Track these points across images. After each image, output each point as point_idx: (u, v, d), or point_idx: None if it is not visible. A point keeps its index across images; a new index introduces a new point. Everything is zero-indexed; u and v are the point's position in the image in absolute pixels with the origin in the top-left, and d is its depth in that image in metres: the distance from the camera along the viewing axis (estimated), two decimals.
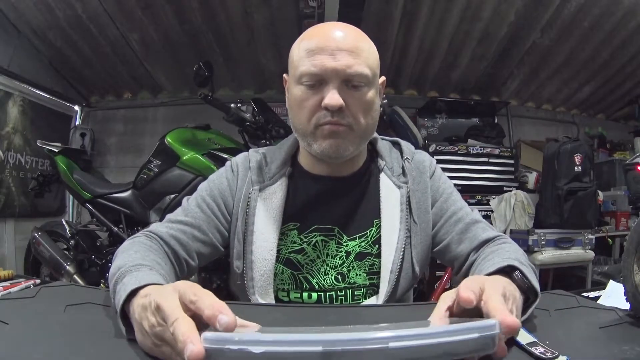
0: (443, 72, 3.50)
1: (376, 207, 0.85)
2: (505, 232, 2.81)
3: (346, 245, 0.84)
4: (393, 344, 0.33)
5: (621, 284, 0.60)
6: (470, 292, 0.46)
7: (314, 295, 0.84)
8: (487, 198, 3.16)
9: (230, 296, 0.96)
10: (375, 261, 0.84)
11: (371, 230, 0.85)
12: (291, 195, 0.86)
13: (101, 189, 2.24)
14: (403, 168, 0.88)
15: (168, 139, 2.05)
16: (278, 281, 0.84)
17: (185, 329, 0.39)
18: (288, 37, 2.58)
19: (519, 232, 2.77)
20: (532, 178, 3.39)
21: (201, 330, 0.40)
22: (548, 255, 2.62)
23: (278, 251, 0.83)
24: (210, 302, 0.42)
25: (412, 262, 0.84)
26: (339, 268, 0.84)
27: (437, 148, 3.18)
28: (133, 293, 0.50)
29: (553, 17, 2.84)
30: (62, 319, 0.55)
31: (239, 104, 1.98)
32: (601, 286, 0.87)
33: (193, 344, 0.37)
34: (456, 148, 3.22)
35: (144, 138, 3.67)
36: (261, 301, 0.81)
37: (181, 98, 3.55)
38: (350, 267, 0.84)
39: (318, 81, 0.75)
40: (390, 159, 0.89)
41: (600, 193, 3.07)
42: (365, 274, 0.84)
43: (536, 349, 0.46)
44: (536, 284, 0.60)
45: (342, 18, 2.42)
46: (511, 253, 0.70)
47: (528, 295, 0.59)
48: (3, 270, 0.94)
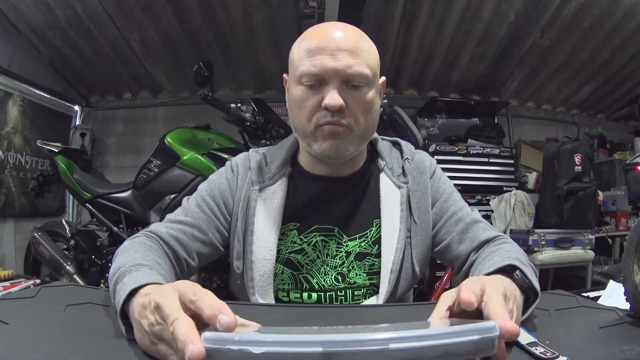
0: (443, 72, 3.50)
1: (376, 207, 0.85)
2: (505, 232, 2.81)
3: (346, 245, 0.84)
4: (393, 345, 0.34)
5: (621, 284, 0.60)
6: (471, 294, 0.46)
7: (314, 295, 0.84)
8: (487, 198, 3.16)
9: (230, 296, 0.96)
10: (375, 261, 0.84)
11: (371, 230, 0.85)
12: (291, 195, 0.85)
13: (101, 189, 2.25)
14: (403, 168, 0.88)
15: (168, 139, 2.05)
16: (278, 281, 0.84)
17: (185, 329, 0.39)
18: (288, 37, 2.58)
19: (519, 232, 2.77)
20: (532, 178, 3.39)
21: (200, 330, 0.40)
22: (548, 255, 2.62)
23: (278, 251, 0.83)
24: (210, 302, 0.42)
25: (412, 262, 0.84)
26: (339, 268, 0.84)
27: (437, 148, 3.17)
28: (133, 292, 0.50)
29: (553, 17, 2.84)
30: (62, 319, 0.55)
31: (239, 104, 1.98)
32: (601, 286, 0.87)
33: (193, 344, 0.36)
34: (456, 148, 3.22)
35: (144, 138, 3.67)
36: (261, 301, 0.81)
37: (181, 98, 3.55)
38: (350, 267, 0.84)
39: (318, 81, 0.75)
40: (390, 159, 0.89)
41: (600, 193, 3.07)
42: (365, 274, 0.84)
43: (536, 349, 0.46)
44: (536, 284, 0.60)
45: (342, 18, 2.42)
46: (511, 253, 0.70)
47: (528, 294, 0.59)
48: (3, 270, 0.94)
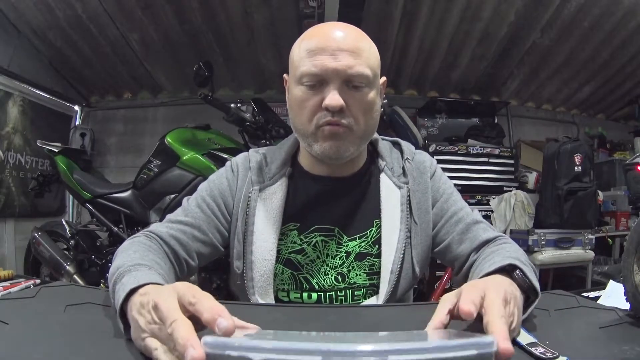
0: (443, 72, 3.49)
1: (376, 208, 0.85)
2: (505, 232, 2.81)
3: (346, 245, 0.84)
4: (392, 357, 0.35)
5: (621, 284, 0.61)
6: (470, 304, 0.46)
7: (314, 295, 0.84)
8: (487, 198, 3.15)
9: (230, 296, 0.96)
10: (375, 261, 0.84)
11: (371, 230, 0.85)
12: (291, 195, 0.85)
13: (101, 189, 2.25)
14: (403, 168, 0.88)
15: (168, 139, 2.05)
16: (278, 281, 0.84)
17: (184, 332, 0.40)
18: (288, 37, 2.58)
19: (519, 232, 2.77)
20: (532, 178, 3.39)
21: (198, 332, 0.40)
22: (548, 255, 2.62)
23: (278, 251, 0.83)
24: (209, 305, 0.42)
25: (412, 263, 0.84)
26: (339, 268, 0.84)
27: (437, 148, 3.17)
28: (131, 292, 0.50)
29: (553, 17, 2.84)
30: (62, 319, 0.55)
31: (239, 104, 1.98)
32: (601, 286, 0.87)
33: (194, 348, 0.37)
34: (456, 148, 3.22)
35: (144, 138, 3.67)
36: (261, 301, 0.81)
37: (181, 98, 3.55)
38: (350, 268, 0.84)
39: (319, 81, 0.74)
40: (390, 160, 0.89)
41: (600, 193, 3.07)
42: (365, 274, 0.84)
43: (536, 349, 0.46)
44: (536, 284, 0.60)
45: (342, 18, 2.42)
46: (512, 252, 0.70)
47: (528, 294, 0.59)
48: (3, 270, 0.94)
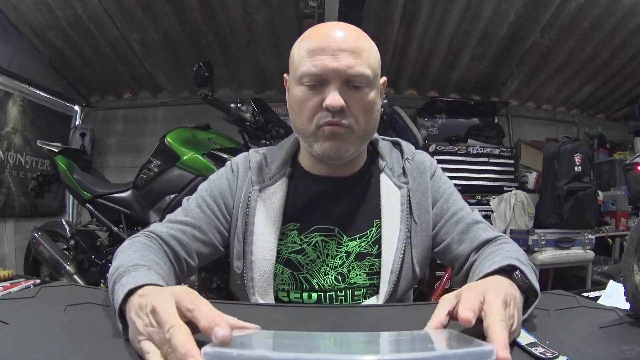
0: (443, 72, 3.49)
1: (376, 208, 0.85)
2: (505, 232, 2.81)
3: (346, 245, 0.84)
4: None
5: (621, 284, 0.60)
6: (469, 312, 0.46)
7: (314, 295, 0.84)
8: (487, 198, 3.15)
9: (230, 296, 0.96)
10: (375, 261, 0.84)
11: (371, 230, 0.85)
12: (291, 195, 0.85)
13: (101, 189, 2.25)
14: (403, 168, 0.88)
15: (168, 139, 2.05)
16: (278, 281, 0.84)
17: (183, 339, 0.40)
18: (288, 37, 2.58)
19: (519, 232, 2.77)
20: (532, 178, 3.39)
21: (194, 335, 0.41)
22: (548, 255, 2.62)
23: (278, 251, 0.83)
24: (207, 313, 0.42)
25: (413, 263, 0.84)
26: (339, 268, 0.84)
27: (437, 148, 3.17)
28: (130, 293, 0.50)
29: (553, 17, 2.84)
30: (62, 319, 0.55)
31: (239, 104, 1.98)
32: (601, 286, 0.87)
33: (194, 359, 0.37)
34: (456, 148, 3.22)
35: (144, 138, 3.67)
36: (261, 301, 0.81)
37: (181, 98, 3.55)
38: (350, 268, 0.84)
39: (319, 81, 0.74)
40: (390, 160, 0.89)
41: (600, 193, 3.06)
42: (365, 274, 0.84)
43: (536, 349, 0.46)
44: (536, 284, 0.60)
45: (342, 18, 2.42)
46: (511, 253, 0.70)
47: (528, 295, 0.59)
48: (3, 270, 0.94)
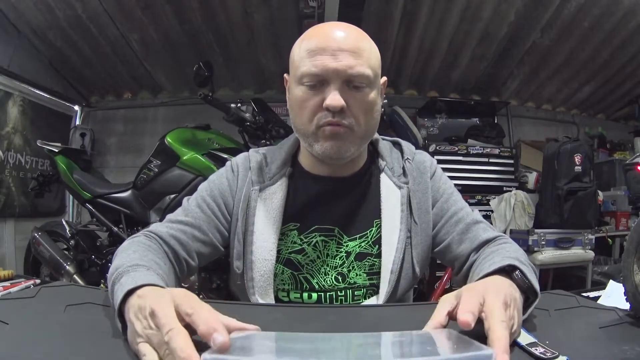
0: (443, 72, 3.49)
1: (376, 208, 0.85)
2: (505, 232, 2.81)
3: (346, 245, 0.84)
4: None
5: (621, 284, 0.61)
6: (469, 315, 0.46)
7: (314, 295, 0.84)
8: (487, 198, 3.15)
9: (230, 296, 0.96)
10: (375, 261, 0.84)
11: (371, 230, 0.85)
12: (291, 195, 0.85)
13: (101, 189, 2.24)
14: (404, 168, 0.88)
15: (168, 139, 2.05)
16: (278, 281, 0.84)
17: (182, 343, 0.40)
18: (288, 37, 2.58)
19: (519, 232, 2.77)
20: (532, 178, 3.39)
21: (192, 337, 0.41)
22: (548, 255, 2.62)
23: (278, 251, 0.83)
24: (205, 318, 0.43)
25: (413, 263, 0.84)
26: (339, 268, 0.84)
27: (437, 148, 3.17)
28: (129, 293, 0.50)
29: (553, 17, 2.84)
30: (62, 319, 0.55)
31: (239, 104, 1.98)
32: (601, 286, 0.87)
33: None
34: (456, 148, 3.22)
35: (144, 138, 3.67)
36: (261, 301, 0.81)
37: (181, 98, 3.55)
38: (350, 268, 0.84)
39: (319, 82, 0.74)
40: (390, 160, 0.89)
41: (600, 193, 3.06)
42: (365, 274, 0.84)
43: (536, 349, 0.46)
44: (536, 284, 0.60)
45: (342, 18, 2.42)
46: (511, 253, 0.70)
47: (528, 295, 0.59)
48: (3, 270, 0.94)
